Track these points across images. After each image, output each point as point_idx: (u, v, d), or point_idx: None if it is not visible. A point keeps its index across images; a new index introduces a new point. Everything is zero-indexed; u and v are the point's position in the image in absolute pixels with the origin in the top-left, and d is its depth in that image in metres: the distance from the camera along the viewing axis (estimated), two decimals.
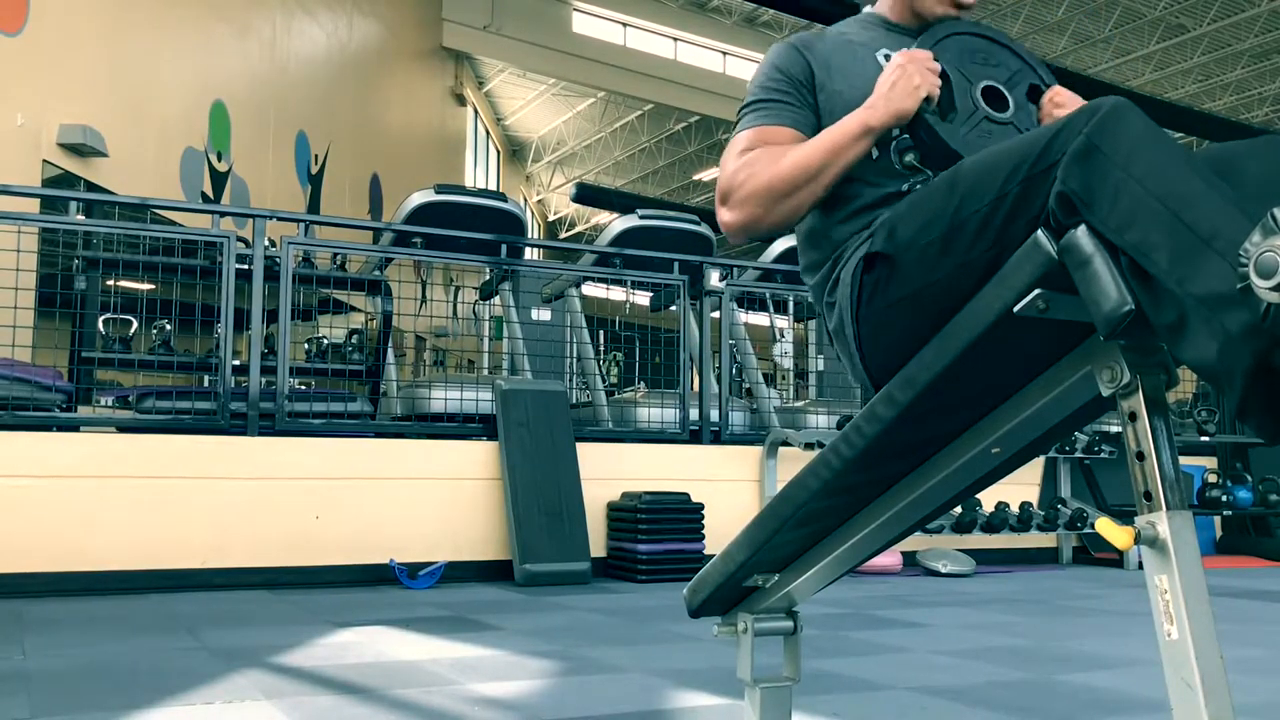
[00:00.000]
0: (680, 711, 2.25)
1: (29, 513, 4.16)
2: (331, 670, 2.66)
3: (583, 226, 29.32)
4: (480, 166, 24.00)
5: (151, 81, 9.73)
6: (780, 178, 1.49)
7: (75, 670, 2.63)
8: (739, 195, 1.52)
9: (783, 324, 6.92)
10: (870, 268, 1.42)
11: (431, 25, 19.28)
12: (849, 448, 1.35)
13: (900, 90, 1.44)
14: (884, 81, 1.46)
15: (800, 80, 1.61)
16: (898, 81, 1.44)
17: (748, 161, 1.53)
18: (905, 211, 1.37)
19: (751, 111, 1.61)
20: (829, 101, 1.59)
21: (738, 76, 22.05)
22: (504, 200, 6.03)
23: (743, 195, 1.52)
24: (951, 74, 1.48)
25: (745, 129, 1.59)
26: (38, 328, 5.22)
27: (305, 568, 4.53)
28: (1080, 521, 5.75)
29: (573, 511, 4.87)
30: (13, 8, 7.77)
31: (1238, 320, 0.95)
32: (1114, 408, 1.15)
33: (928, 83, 1.44)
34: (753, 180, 1.51)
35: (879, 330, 1.43)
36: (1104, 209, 1.06)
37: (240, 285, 4.86)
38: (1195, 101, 21.18)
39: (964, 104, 1.47)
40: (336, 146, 14.38)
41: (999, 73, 1.53)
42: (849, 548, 1.51)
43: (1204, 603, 1.05)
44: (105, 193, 8.24)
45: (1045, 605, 4.18)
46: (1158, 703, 2.32)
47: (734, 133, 1.62)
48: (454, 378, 5.72)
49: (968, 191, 1.24)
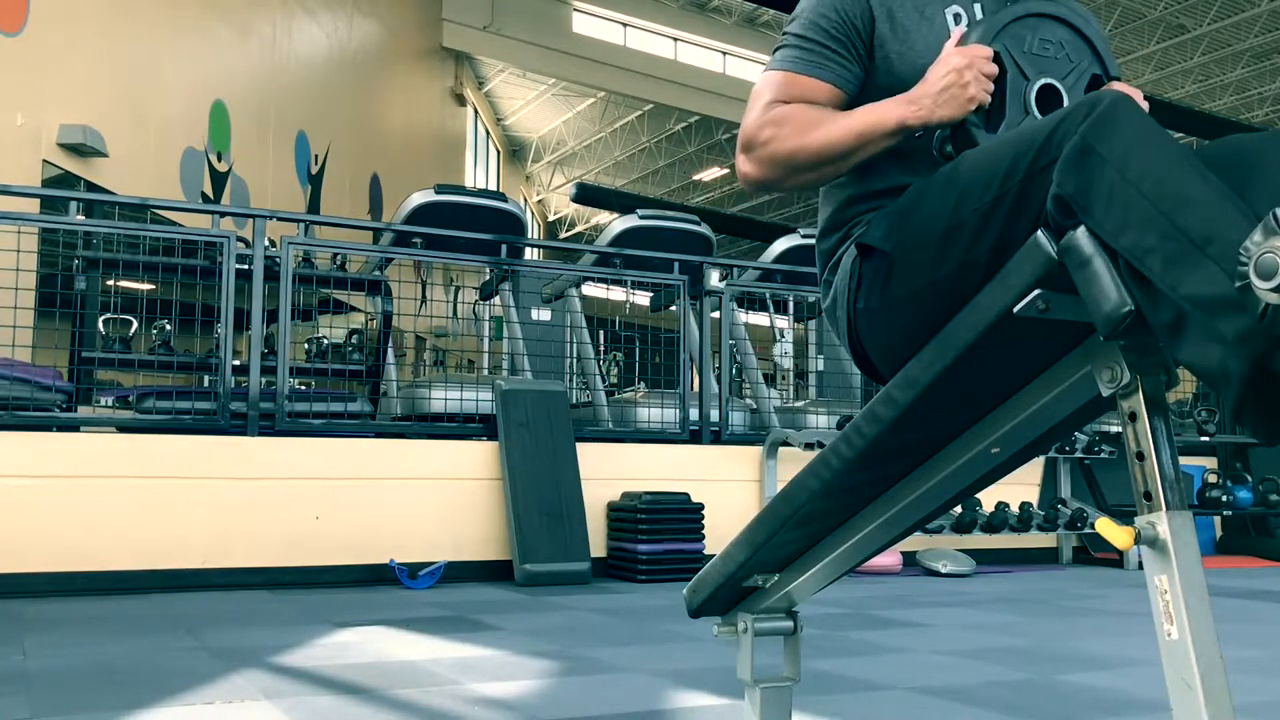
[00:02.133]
0: (680, 711, 2.25)
1: (29, 513, 4.16)
2: (331, 670, 2.66)
3: (583, 226, 29.32)
4: (480, 166, 24.00)
5: (151, 81, 9.73)
6: (805, 151, 1.42)
7: (75, 670, 2.63)
8: (760, 153, 1.45)
9: (783, 324, 6.93)
10: (868, 257, 1.41)
11: (431, 25, 19.28)
12: (849, 448, 1.35)
13: (950, 98, 1.35)
14: (935, 79, 1.36)
15: (856, 26, 1.47)
16: (950, 85, 1.35)
17: (775, 119, 1.44)
18: (905, 207, 1.37)
19: (793, 48, 1.48)
20: (881, 60, 1.47)
21: (738, 76, 22.07)
22: (504, 200, 6.03)
23: (764, 154, 1.45)
24: (1009, 70, 1.39)
25: (780, 69, 1.48)
26: (38, 328, 5.22)
27: (305, 568, 4.53)
28: (1080, 521, 5.75)
29: (573, 511, 4.86)
30: (13, 8, 7.77)
31: (1233, 324, 0.95)
32: (1114, 408, 1.15)
33: (980, 93, 1.35)
34: (776, 142, 1.43)
35: (877, 324, 1.42)
36: (1099, 212, 1.05)
37: (240, 285, 4.86)
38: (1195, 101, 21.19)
39: (1014, 110, 1.38)
40: (336, 146, 14.38)
41: (1060, 66, 1.42)
42: (849, 548, 1.51)
43: (1204, 603, 1.05)
44: (105, 193, 8.24)
45: (1045, 605, 4.17)
46: (1158, 703, 2.32)
47: (769, 64, 1.51)
48: (454, 378, 5.72)
49: (967, 189, 1.23)
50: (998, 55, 1.39)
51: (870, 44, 1.48)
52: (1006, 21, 1.41)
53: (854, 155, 1.41)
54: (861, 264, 1.43)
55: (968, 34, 1.41)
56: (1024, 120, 1.38)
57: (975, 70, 1.35)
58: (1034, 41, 1.42)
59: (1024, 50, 1.41)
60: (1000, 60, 1.39)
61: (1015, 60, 1.40)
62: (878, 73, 1.48)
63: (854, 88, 1.48)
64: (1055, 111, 1.18)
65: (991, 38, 1.40)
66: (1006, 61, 1.39)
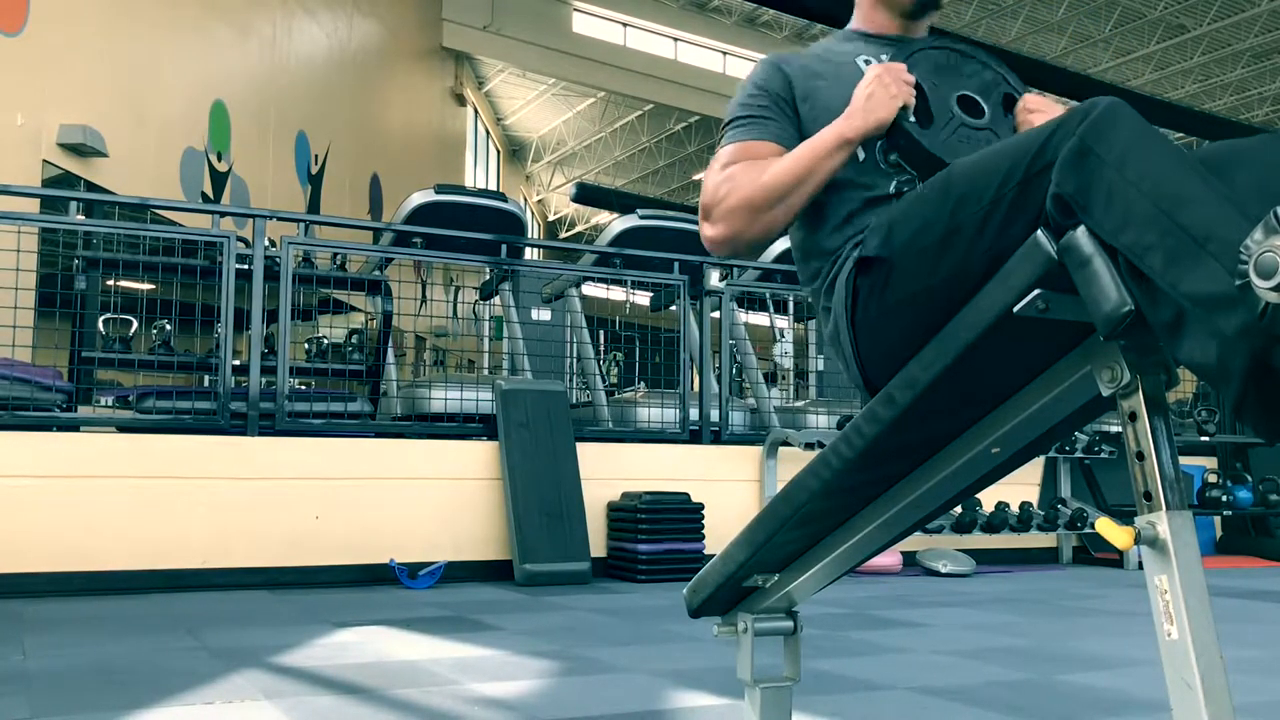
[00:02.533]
0: (680, 711, 2.25)
1: (29, 513, 4.16)
2: (331, 670, 2.66)
3: (583, 226, 29.32)
4: (480, 166, 24.00)
5: (151, 81, 9.73)
6: (761, 190, 1.51)
7: (75, 670, 2.63)
8: (721, 210, 1.54)
9: (783, 324, 6.93)
10: (865, 271, 1.42)
11: (431, 25, 19.28)
12: (849, 448, 1.35)
13: (877, 100, 1.46)
14: (860, 94, 1.49)
15: (780, 95, 1.62)
16: (875, 92, 1.47)
17: (729, 176, 1.55)
18: (900, 216, 1.37)
19: (733, 128, 1.63)
20: (812, 111, 1.60)
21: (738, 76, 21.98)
22: (504, 200, 6.03)
23: (724, 210, 1.54)
24: (925, 85, 1.51)
25: (727, 144, 1.62)
26: (38, 328, 5.22)
27: (305, 568, 4.53)
28: (1080, 521, 5.75)
29: (573, 511, 4.87)
30: (13, 8, 7.77)
31: (1233, 321, 0.95)
32: (1114, 408, 1.15)
33: (904, 92, 1.47)
34: (734, 194, 1.53)
35: (876, 334, 1.42)
36: (1099, 212, 1.05)
37: (240, 285, 4.86)
38: (1195, 101, 21.19)
39: (941, 112, 1.50)
40: (336, 146, 14.38)
41: (971, 84, 1.57)
42: (849, 548, 1.51)
43: (1204, 603, 1.05)
44: (105, 193, 8.24)
45: (1045, 605, 4.17)
46: (1158, 703, 2.32)
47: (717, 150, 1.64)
48: (454, 378, 5.72)
49: (964, 194, 1.23)
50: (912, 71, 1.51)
51: (795, 103, 1.62)
52: (913, 51, 1.55)
53: (806, 183, 1.51)
54: (857, 278, 1.44)
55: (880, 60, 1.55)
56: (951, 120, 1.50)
57: (893, 75, 1.48)
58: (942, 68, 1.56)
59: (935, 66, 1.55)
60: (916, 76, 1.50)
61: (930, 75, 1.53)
62: (809, 124, 1.59)
63: (793, 144, 1.58)
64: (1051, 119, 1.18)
65: (905, 58, 1.53)
66: (922, 78, 1.51)
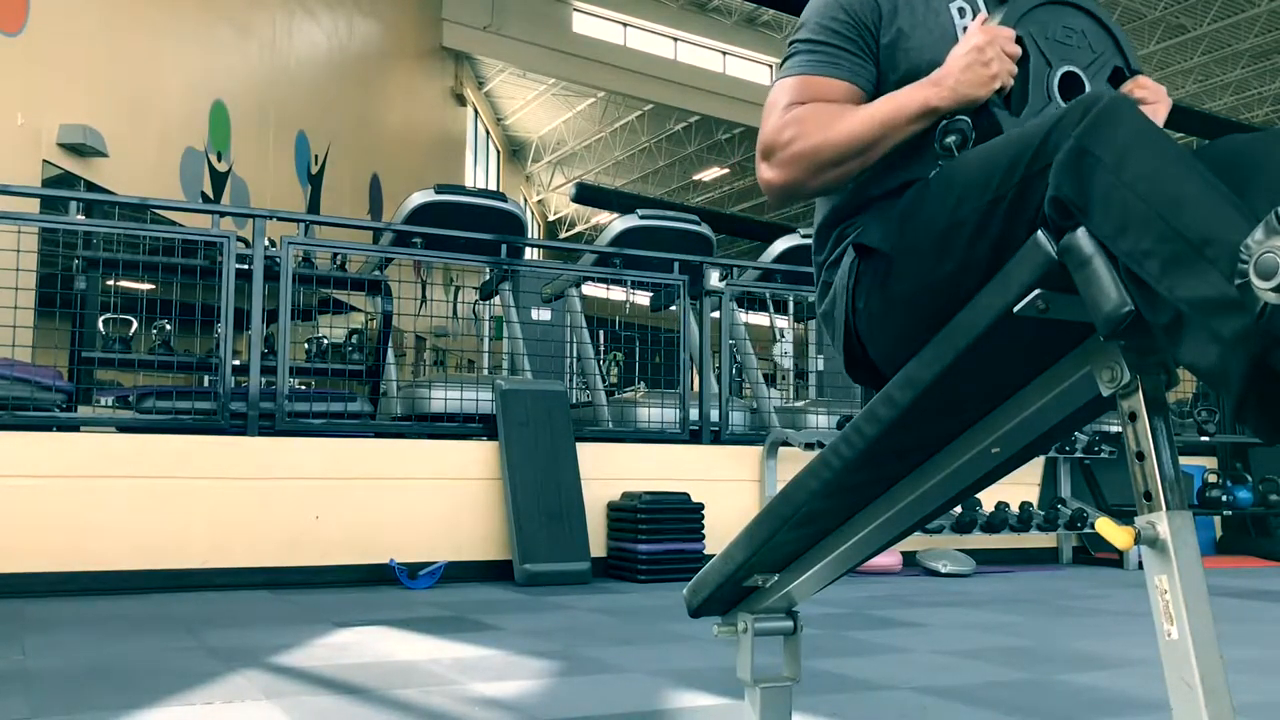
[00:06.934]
0: (680, 711, 2.25)
1: (29, 513, 4.16)
2: (331, 670, 2.66)
3: (583, 226, 29.32)
4: (480, 166, 24.00)
5: (151, 81, 9.72)
6: (830, 145, 1.38)
7: (75, 670, 2.63)
8: (783, 155, 1.41)
9: (783, 324, 6.93)
10: (867, 256, 1.41)
11: (431, 25, 19.28)
12: (849, 448, 1.35)
13: (973, 76, 1.33)
14: (957, 60, 1.34)
15: (866, 23, 1.45)
16: (973, 64, 1.33)
17: (796, 119, 1.41)
18: (903, 209, 1.36)
19: (804, 53, 1.46)
20: (892, 55, 1.45)
21: (738, 76, 22.08)
22: (504, 200, 6.03)
23: (787, 156, 1.41)
24: (1032, 55, 1.36)
25: (794, 74, 1.45)
26: (38, 328, 5.22)
27: (305, 568, 4.53)
28: (1080, 521, 5.75)
29: (573, 511, 4.86)
30: (13, 8, 7.77)
31: (1231, 325, 0.95)
32: (1114, 408, 1.15)
33: (1004, 72, 1.33)
34: (799, 142, 1.40)
35: (877, 328, 1.42)
36: (1097, 215, 1.04)
37: (240, 285, 4.86)
38: (1195, 101, 21.18)
39: (1037, 95, 1.35)
40: (336, 146, 14.38)
41: (1082, 55, 1.39)
42: (849, 548, 1.51)
43: (1204, 603, 1.05)
44: (105, 193, 8.24)
45: (1045, 605, 4.17)
46: (1158, 703, 2.32)
47: (780, 73, 1.48)
48: (454, 378, 5.72)
49: (966, 189, 1.23)
50: (1020, 39, 1.36)
51: (878, 36, 1.45)
52: (1030, 6, 1.38)
53: (879, 145, 1.38)
54: (860, 264, 1.42)
55: (990, 17, 1.38)
56: (1047, 106, 1.35)
57: (998, 48, 1.33)
58: (1057, 29, 1.39)
59: (1047, 36, 1.38)
60: (1023, 44, 1.36)
61: (1038, 45, 1.37)
62: (889, 69, 1.46)
63: (870, 85, 1.45)
64: (1053, 111, 1.17)
65: (1015, 20, 1.37)
66: (1029, 46, 1.36)
